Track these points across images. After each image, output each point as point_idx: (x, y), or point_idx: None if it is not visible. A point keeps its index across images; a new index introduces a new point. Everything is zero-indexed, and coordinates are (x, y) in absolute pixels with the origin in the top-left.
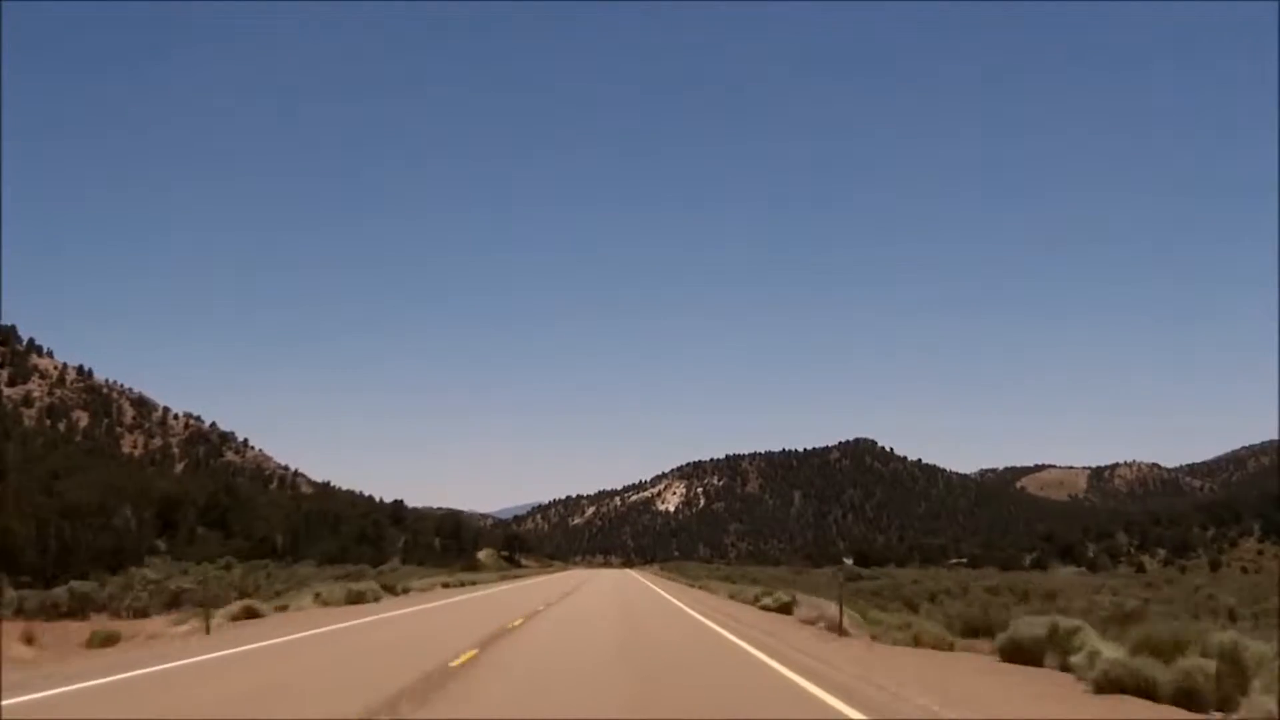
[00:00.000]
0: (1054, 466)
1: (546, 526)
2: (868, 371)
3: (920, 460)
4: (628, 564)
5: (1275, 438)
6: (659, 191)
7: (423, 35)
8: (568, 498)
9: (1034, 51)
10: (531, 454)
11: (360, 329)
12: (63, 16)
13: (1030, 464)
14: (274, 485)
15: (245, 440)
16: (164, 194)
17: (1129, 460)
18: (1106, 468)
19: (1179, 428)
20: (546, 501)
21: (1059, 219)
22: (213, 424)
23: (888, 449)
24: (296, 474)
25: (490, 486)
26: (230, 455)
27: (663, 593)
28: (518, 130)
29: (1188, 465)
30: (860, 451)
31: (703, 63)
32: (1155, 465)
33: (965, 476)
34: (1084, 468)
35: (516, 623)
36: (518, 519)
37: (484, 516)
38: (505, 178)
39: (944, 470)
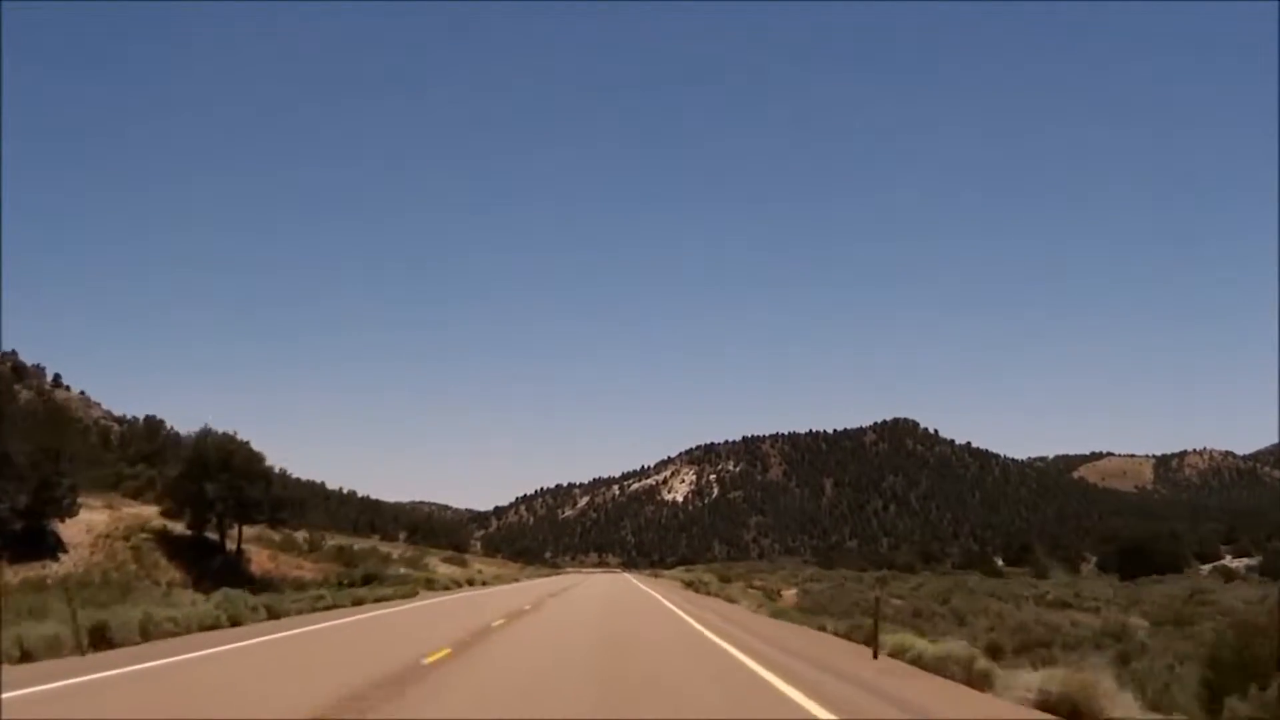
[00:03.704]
0: (1113, 454)
1: (532, 519)
2: (901, 345)
3: (970, 444)
4: (628, 565)
5: None
6: (663, 166)
7: (418, 33)
8: (557, 486)
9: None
10: (520, 440)
11: (336, 316)
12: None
13: (1085, 451)
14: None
15: (56, 377)
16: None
17: (1199, 448)
18: (1174, 456)
19: (1247, 412)
20: (532, 491)
21: (1108, 196)
22: (10, 353)
23: (931, 431)
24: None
25: (479, 480)
26: (26, 394)
27: None
28: (514, 116)
29: (1252, 453)
30: (900, 433)
31: (735, 49)
32: (1229, 453)
33: (1023, 464)
34: (1147, 456)
35: None
36: (499, 510)
37: (469, 512)
38: (499, 160)
39: (999, 456)
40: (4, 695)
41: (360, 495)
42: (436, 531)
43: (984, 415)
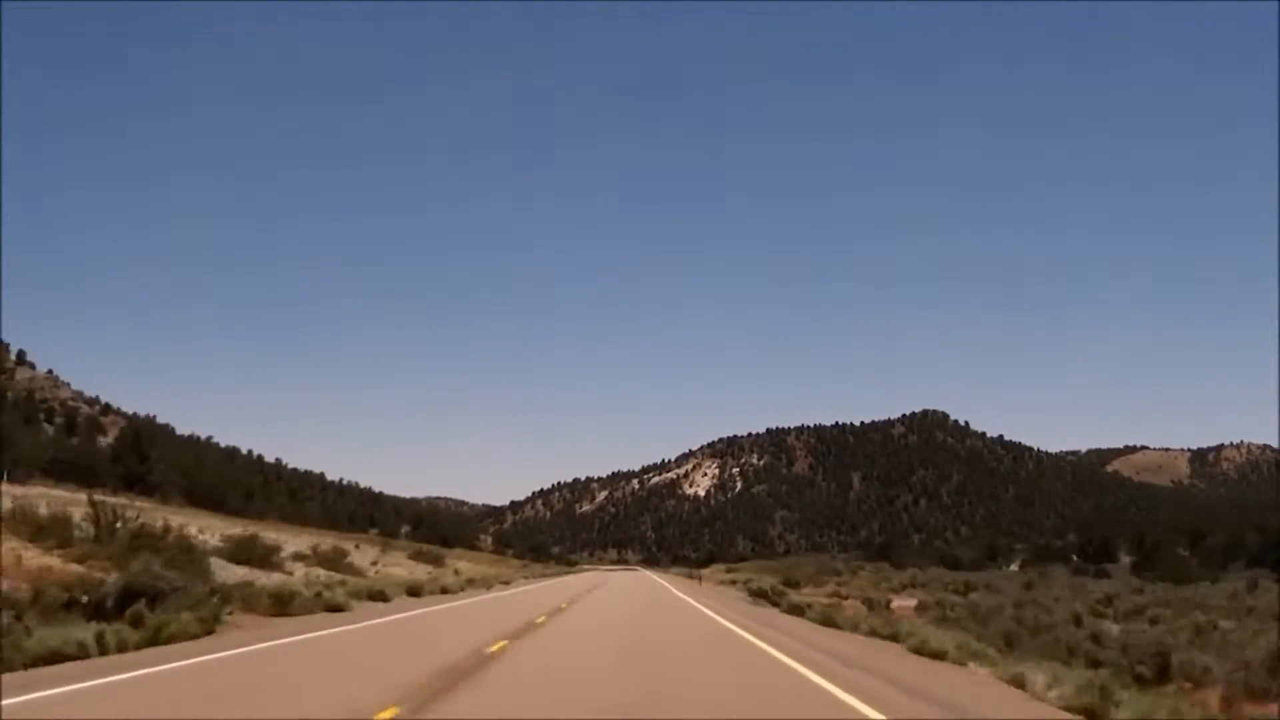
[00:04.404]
0: (1147, 448)
1: (548, 514)
2: (927, 336)
3: (1003, 436)
4: (649, 562)
5: None
6: (684, 159)
7: (416, 33)
8: (574, 480)
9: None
10: (538, 435)
11: (352, 315)
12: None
13: (1118, 445)
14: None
15: (20, 354)
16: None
17: (1236, 441)
18: (1210, 449)
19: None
20: (549, 486)
21: (1138, 188)
22: None
23: (962, 423)
24: (106, 408)
25: (497, 475)
26: None
27: None
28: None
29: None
30: (929, 425)
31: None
32: (1267, 446)
33: (1058, 457)
34: (1183, 449)
35: None
36: (514, 505)
37: (485, 507)
38: (523, 155)
39: (1032, 449)
40: None
41: (362, 487)
42: (441, 525)
43: (1013, 408)
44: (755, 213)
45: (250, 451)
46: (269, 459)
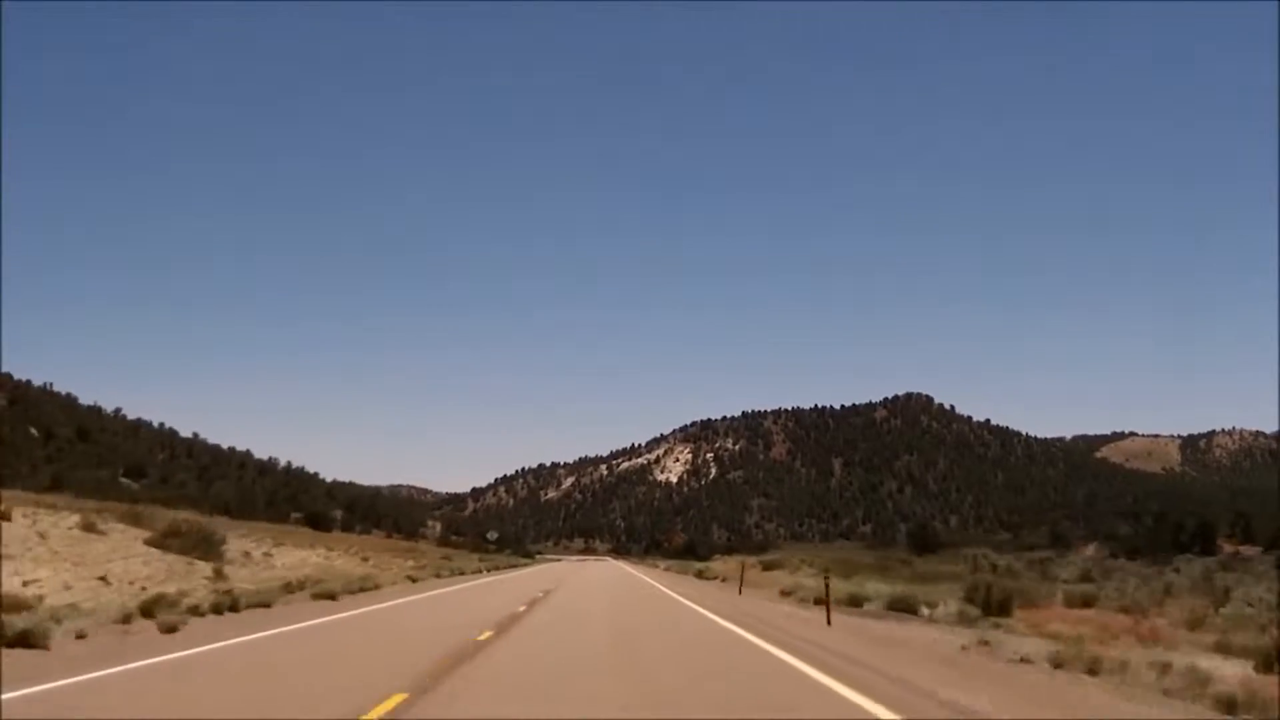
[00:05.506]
0: (1136, 434)
1: (512, 501)
2: (909, 317)
3: (989, 421)
4: (619, 552)
5: None
6: (652, 142)
7: (409, 28)
8: (540, 466)
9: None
10: (503, 417)
11: (322, 305)
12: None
13: (1106, 431)
14: None
15: None
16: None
17: (1228, 427)
18: (1202, 436)
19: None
20: (513, 472)
21: (1129, 172)
22: None
23: (948, 407)
24: None
25: (463, 463)
26: None
27: None
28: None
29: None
30: (913, 409)
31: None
32: (1259, 433)
33: (1048, 442)
34: (1173, 436)
35: None
36: (476, 492)
37: (448, 495)
38: (487, 145)
39: (1020, 434)
40: None
41: (294, 468)
42: (379, 510)
43: (999, 392)
44: (731, 196)
45: (162, 425)
46: (184, 434)
